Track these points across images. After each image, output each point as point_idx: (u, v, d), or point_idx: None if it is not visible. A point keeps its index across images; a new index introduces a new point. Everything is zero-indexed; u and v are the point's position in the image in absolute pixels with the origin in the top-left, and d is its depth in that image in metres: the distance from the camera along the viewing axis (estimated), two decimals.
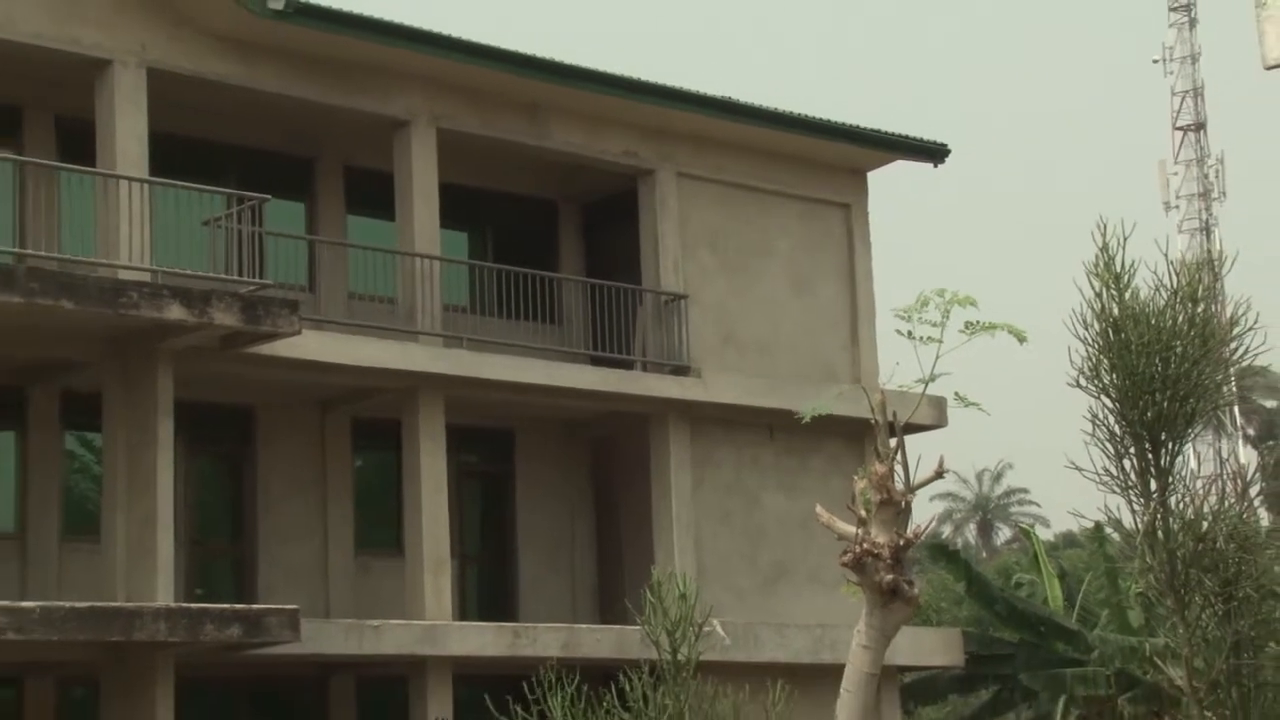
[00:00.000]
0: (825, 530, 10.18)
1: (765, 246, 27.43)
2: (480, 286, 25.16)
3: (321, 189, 25.11)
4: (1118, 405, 10.28)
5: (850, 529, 9.83)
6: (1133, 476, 10.33)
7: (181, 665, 20.55)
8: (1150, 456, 10.31)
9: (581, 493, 27.12)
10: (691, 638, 11.20)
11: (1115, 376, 10.25)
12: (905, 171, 29.61)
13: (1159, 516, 10.25)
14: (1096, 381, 10.31)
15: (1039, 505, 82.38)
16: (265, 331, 20.60)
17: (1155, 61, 69.66)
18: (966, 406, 10.20)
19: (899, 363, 10.09)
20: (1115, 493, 10.37)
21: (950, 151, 28.44)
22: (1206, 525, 10.27)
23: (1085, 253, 10.36)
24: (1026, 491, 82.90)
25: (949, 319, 9.74)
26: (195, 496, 23.60)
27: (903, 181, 55.94)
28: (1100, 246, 10.35)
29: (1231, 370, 10.65)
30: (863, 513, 9.81)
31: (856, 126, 27.75)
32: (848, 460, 26.12)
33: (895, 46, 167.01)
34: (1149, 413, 10.18)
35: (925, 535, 10.07)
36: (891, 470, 9.75)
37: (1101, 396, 10.32)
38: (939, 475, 10.05)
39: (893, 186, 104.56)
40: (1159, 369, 10.20)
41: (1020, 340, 9.97)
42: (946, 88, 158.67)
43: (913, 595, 9.76)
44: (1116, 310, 10.29)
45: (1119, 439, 10.32)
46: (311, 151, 25.02)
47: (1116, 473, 10.34)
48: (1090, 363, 10.33)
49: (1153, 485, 10.32)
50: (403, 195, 24.07)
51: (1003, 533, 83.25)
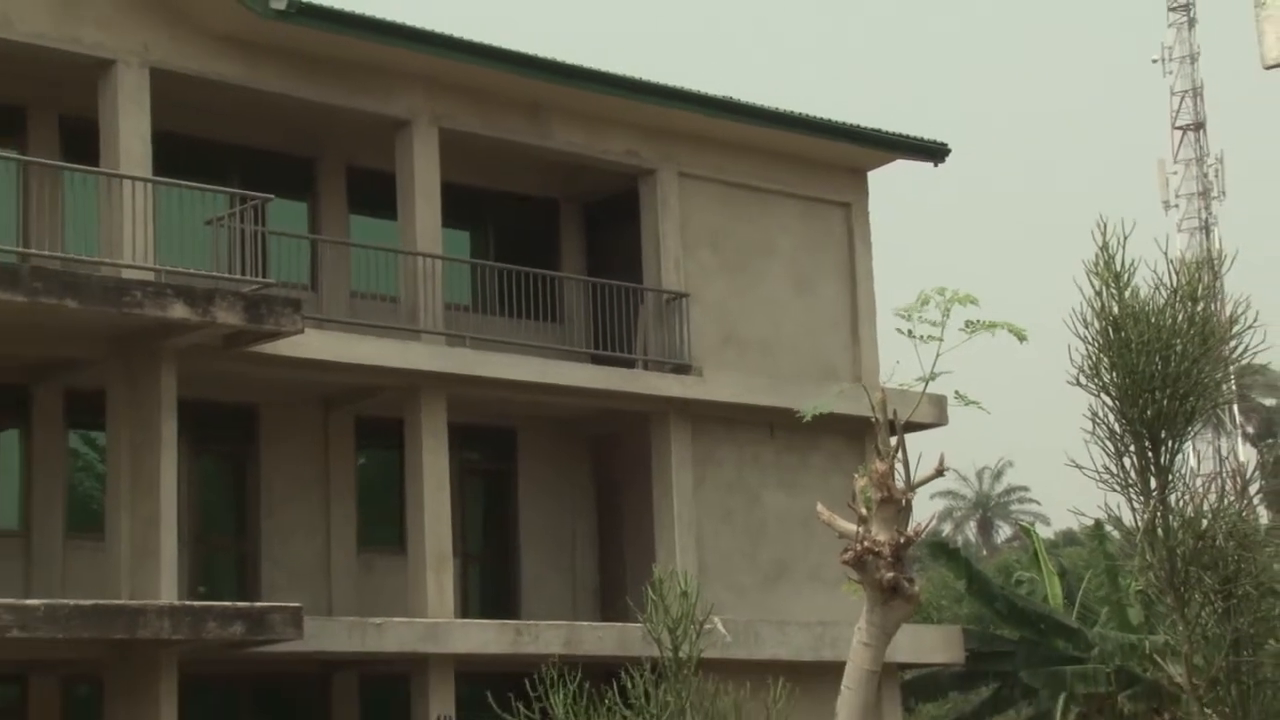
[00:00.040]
0: (826, 528, 10.21)
1: (766, 246, 27.46)
2: (482, 285, 25.21)
3: (324, 188, 25.16)
4: (1118, 403, 10.29)
5: (851, 527, 9.87)
6: (1133, 474, 10.33)
7: (185, 663, 20.60)
8: (1150, 454, 10.31)
9: (583, 491, 27.16)
10: (693, 635, 11.20)
11: (1115, 375, 10.26)
12: (905, 171, 29.62)
13: (1159, 514, 10.26)
14: (1096, 380, 10.32)
15: (1039, 503, 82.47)
16: (268, 330, 20.66)
17: (1155, 61, 69.76)
18: (967, 405, 10.25)
19: (899, 361, 10.13)
20: (1115, 491, 10.37)
21: (950, 151, 28.47)
22: (1206, 523, 10.28)
23: (1085, 252, 10.38)
24: (1027, 489, 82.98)
25: (949, 318, 9.78)
26: (198, 495, 23.64)
27: (903, 181, 55.82)
28: (1100, 245, 10.35)
29: (1231, 368, 10.65)
30: (863, 511, 9.85)
31: (857, 126, 27.78)
32: (848, 458, 26.15)
33: (895, 46, 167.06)
34: (1149, 411, 10.19)
35: (926, 533, 10.08)
36: (892, 468, 9.79)
37: (1101, 395, 10.32)
38: (939, 473, 10.09)
39: (893, 186, 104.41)
40: (1159, 367, 10.20)
41: (1020, 339, 10.00)
42: (946, 88, 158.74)
43: (913, 593, 9.80)
44: (1116, 309, 10.29)
45: (1119, 437, 10.33)
46: (314, 151, 25.06)
47: (1116, 471, 10.34)
48: (1090, 361, 10.33)
49: (1152, 483, 10.33)
50: (405, 195, 24.10)
51: (1003, 530, 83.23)
